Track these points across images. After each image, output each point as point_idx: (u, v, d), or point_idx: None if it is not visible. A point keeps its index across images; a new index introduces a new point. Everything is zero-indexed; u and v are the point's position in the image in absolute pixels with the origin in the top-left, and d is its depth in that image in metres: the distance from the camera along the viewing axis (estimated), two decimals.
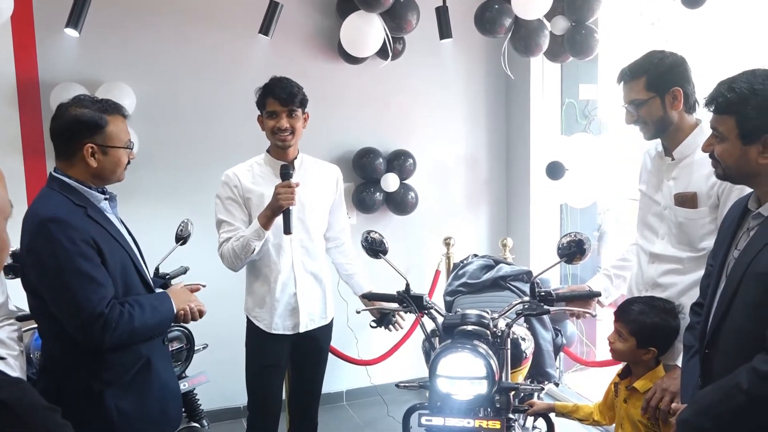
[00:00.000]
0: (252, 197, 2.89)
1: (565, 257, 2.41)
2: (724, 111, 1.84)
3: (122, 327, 2.07)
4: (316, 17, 4.30)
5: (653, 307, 2.40)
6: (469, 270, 3.56)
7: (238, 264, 2.87)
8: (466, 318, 2.35)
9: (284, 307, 2.95)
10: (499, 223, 4.97)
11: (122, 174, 2.24)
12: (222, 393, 4.03)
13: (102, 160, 2.16)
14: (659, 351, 2.39)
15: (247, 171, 2.94)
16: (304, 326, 2.99)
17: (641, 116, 2.38)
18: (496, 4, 4.01)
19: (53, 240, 2.01)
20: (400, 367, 4.51)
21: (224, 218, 2.90)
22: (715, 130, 1.89)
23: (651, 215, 2.55)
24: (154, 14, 3.99)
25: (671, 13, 4.10)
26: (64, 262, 2.01)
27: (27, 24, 3.72)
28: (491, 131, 4.88)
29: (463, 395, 2.24)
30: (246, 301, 3.04)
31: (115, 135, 2.17)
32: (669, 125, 2.38)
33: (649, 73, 2.34)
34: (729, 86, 1.83)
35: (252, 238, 2.77)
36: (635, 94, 2.37)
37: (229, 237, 2.85)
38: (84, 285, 2.03)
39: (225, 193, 2.91)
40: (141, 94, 3.90)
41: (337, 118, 4.42)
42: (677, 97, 2.33)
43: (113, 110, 2.20)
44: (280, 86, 2.83)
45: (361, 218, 4.49)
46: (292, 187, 2.72)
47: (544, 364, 3.22)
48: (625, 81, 2.41)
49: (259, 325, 2.97)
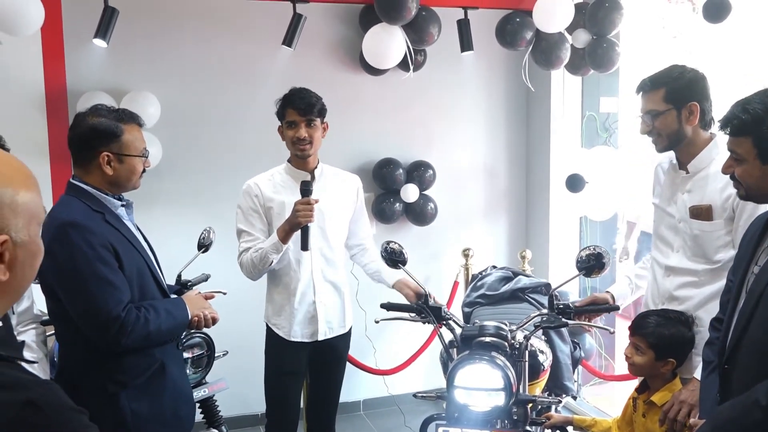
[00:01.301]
0: (273, 206, 2.91)
1: (584, 270, 2.42)
2: (740, 133, 1.85)
3: (138, 330, 2.10)
4: (338, 29, 4.34)
5: (668, 319, 2.40)
6: (488, 281, 3.56)
7: (256, 274, 2.90)
8: (484, 329, 2.36)
9: (303, 315, 2.97)
10: (518, 235, 4.96)
11: (137, 182, 2.28)
12: (241, 400, 4.06)
13: (118, 168, 2.20)
14: (677, 362, 2.39)
15: (268, 181, 2.97)
16: (323, 334, 3.01)
17: (656, 127, 2.39)
18: (518, 18, 4.03)
19: (72, 244, 2.06)
20: (417, 378, 4.52)
21: (244, 228, 2.92)
22: (733, 152, 1.89)
23: (665, 228, 2.56)
24: (180, 26, 4.05)
25: (694, 27, 4.10)
26: (83, 266, 2.06)
27: (56, 34, 3.80)
28: (511, 143, 4.88)
29: (480, 407, 2.25)
30: (266, 308, 3.06)
31: (131, 144, 2.21)
32: (682, 139, 2.39)
33: (668, 85, 2.35)
34: (743, 107, 1.83)
35: (270, 251, 2.80)
36: (653, 105, 2.38)
37: (248, 247, 2.88)
38: (102, 288, 2.06)
39: (246, 203, 2.93)
40: (165, 102, 3.95)
41: (358, 128, 4.45)
42: (693, 112, 2.34)
43: (129, 119, 2.24)
44: (299, 96, 2.85)
45: (381, 228, 4.50)
46: (311, 205, 2.74)
47: (562, 377, 3.21)
48: (644, 91, 2.41)
49: (278, 332, 2.99)
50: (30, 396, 1.03)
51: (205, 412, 3.45)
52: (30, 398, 1.02)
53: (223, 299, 2.61)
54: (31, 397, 1.03)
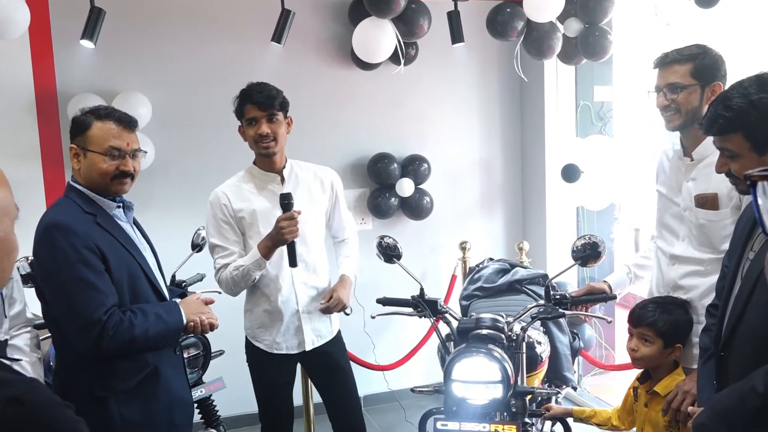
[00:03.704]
0: (245, 216, 2.75)
1: (579, 260, 2.41)
2: (727, 131, 1.83)
3: (120, 334, 2.06)
4: (328, 24, 4.32)
5: (668, 304, 2.40)
6: (485, 274, 3.55)
7: (237, 291, 2.77)
8: (480, 322, 2.35)
9: (287, 326, 2.82)
10: (515, 227, 4.95)
11: (113, 184, 2.18)
12: (239, 399, 4.02)
13: (82, 162, 2.17)
14: (684, 346, 2.38)
15: (234, 188, 2.80)
16: (311, 343, 2.86)
17: (676, 102, 2.32)
18: (508, 8, 4.00)
19: (54, 245, 2.04)
20: (418, 372, 4.51)
21: (217, 242, 2.75)
22: (724, 149, 1.87)
23: (670, 216, 2.52)
24: (167, 24, 4.03)
25: (686, 14, 4.07)
26: (64, 268, 2.03)
27: (44, 36, 3.77)
28: (506, 134, 4.86)
29: (478, 399, 2.23)
30: (244, 320, 2.91)
31: (95, 139, 2.15)
32: (698, 119, 2.31)
33: (696, 60, 2.30)
34: (725, 105, 1.82)
35: (252, 268, 2.65)
36: (678, 78, 2.31)
37: (225, 263, 2.72)
38: (82, 291, 2.03)
39: (214, 215, 2.76)
40: (156, 103, 3.93)
41: (351, 124, 4.43)
42: (716, 92, 2.27)
43: (106, 116, 2.18)
44: (257, 90, 2.68)
45: (377, 224, 4.49)
46: (295, 219, 2.57)
47: (562, 368, 3.20)
48: (667, 63, 2.34)
49: (260, 345, 2.86)
50: (13, 393, 1.03)
51: (203, 413, 3.45)
52: (13, 395, 1.02)
53: (217, 298, 2.58)
54: (15, 394, 1.03)
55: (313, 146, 3.99)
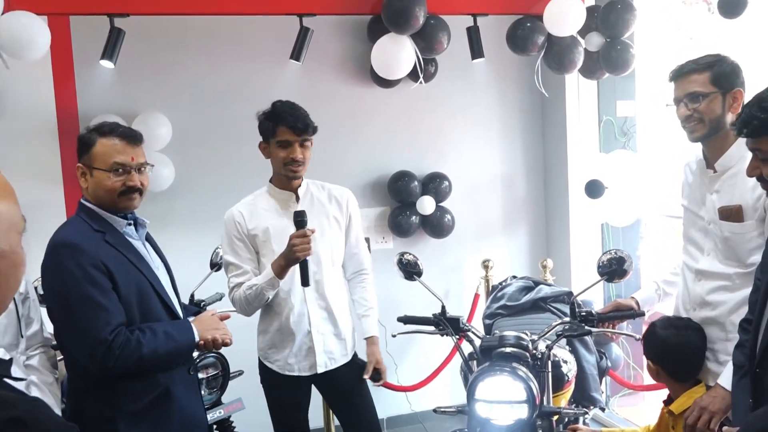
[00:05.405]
0: (258, 234, 2.74)
1: (605, 275, 2.35)
2: (761, 132, 1.79)
3: (128, 354, 2.02)
4: (346, 41, 4.32)
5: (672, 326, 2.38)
6: (508, 292, 3.48)
7: (250, 310, 2.75)
8: (504, 340, 2.29)
9: (299, 347, 2.79)
10: (539, 244, 4.88)
11: (120, 200, 2.15)
12: (259, 419, 3.95)
13: (90, 181, 2.15)
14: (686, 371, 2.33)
15: (249, 206, 2.81)
16: (323, 366, 2.81)
17: (699, 111, 2.27)
18: (528, 22, 3.97)
19: (61, 264, 2.02)
20: (441, 393, 4.42)
21: (231, 260, 2.75)
22: (757, 151, 1.83)
23: (695, 230, 2.45)
24: (186, 44, 4.05)
25: (710, 28, 4.02)
26: (70, 287, 2.01)
27: (66, 57, 3.82)
28: (527, 150, 4.81)
29: (503, 420, 2.17)
30: (257, 341, 2.89)
31: (100, 156, 2.13)
32: (722, 128, 2.27)
33: (714, 68, 2.26)
34: (760, 106, 1.78)
35: (266, 287, 2.63)
36: (697, 86, 2.26)
37: (239, 282, 2.71)
38: (88, 310, 2.01)
39: (228, 232, 2.77)
40: (176, 123, 3.94)
41: (371, 142, 4.41)
42: (737, 99, 2.24)
43: (109, 132, 2.15)
44: (292, 115, 2.67)
45: (398, 242, 4.45)
46: (308, 236, 2.54)
47: (589, 388, 3.12)
48: (684, 73, 2.30)
49: (272, 366, 2.83)
50: (14, 414, 1.00)
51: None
52: (14, 416, 1.00)
53: (235, 317, 2.55)
54: (16, 415, 1.00)
55: (332, 165, 3.97)
